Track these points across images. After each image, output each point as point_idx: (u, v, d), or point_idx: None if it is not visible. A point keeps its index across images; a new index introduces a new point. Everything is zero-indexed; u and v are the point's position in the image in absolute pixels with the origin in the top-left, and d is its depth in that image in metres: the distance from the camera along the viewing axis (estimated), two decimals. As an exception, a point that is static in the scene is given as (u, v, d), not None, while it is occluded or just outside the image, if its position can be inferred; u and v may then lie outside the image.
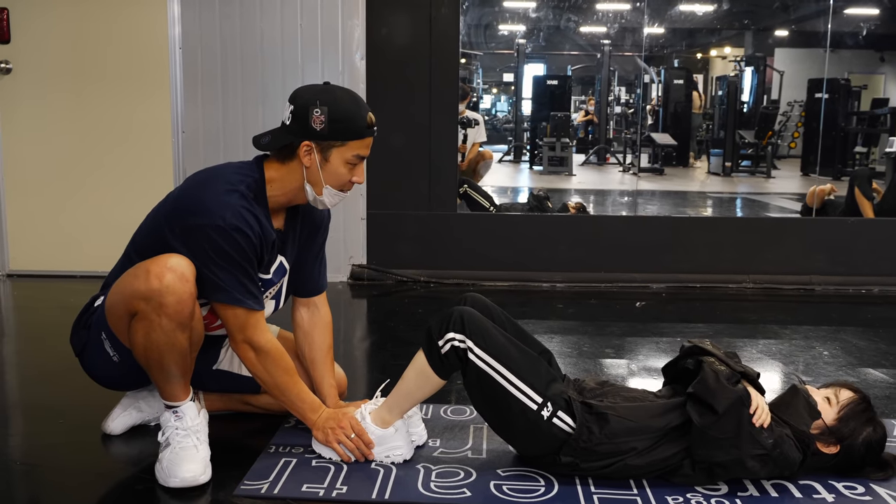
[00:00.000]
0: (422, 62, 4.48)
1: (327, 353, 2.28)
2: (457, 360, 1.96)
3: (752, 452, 1.88)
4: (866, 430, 1.99)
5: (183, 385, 1.97)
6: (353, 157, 2.00)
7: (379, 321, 3.97)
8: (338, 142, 1.98)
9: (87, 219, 4.51)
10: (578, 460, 1.94)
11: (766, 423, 1.90)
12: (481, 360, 1.94)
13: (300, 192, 2.04)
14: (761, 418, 1.89)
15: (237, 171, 2.01)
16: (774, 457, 1.90)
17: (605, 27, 13.39)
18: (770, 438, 1.89)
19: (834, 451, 2.00)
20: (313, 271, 2.28)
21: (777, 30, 14.44)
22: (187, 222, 1.91)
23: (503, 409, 1.95)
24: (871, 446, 2.00)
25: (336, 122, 1.96)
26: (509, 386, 1.93)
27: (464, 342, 1.94)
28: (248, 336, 1.99)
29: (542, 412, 1.92)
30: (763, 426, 1.89)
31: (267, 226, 2.00)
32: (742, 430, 1.88)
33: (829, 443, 2.00)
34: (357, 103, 2.02)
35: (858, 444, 1.99)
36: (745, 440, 1.88)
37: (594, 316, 3.92)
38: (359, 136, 1.99)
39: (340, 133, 1.97)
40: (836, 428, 1.99)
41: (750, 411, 1.89)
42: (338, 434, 2.06)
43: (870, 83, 11.69)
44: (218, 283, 1.92)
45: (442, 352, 1.96)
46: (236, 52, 4.39)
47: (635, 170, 10.88)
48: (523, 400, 1.92)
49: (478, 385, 1.96)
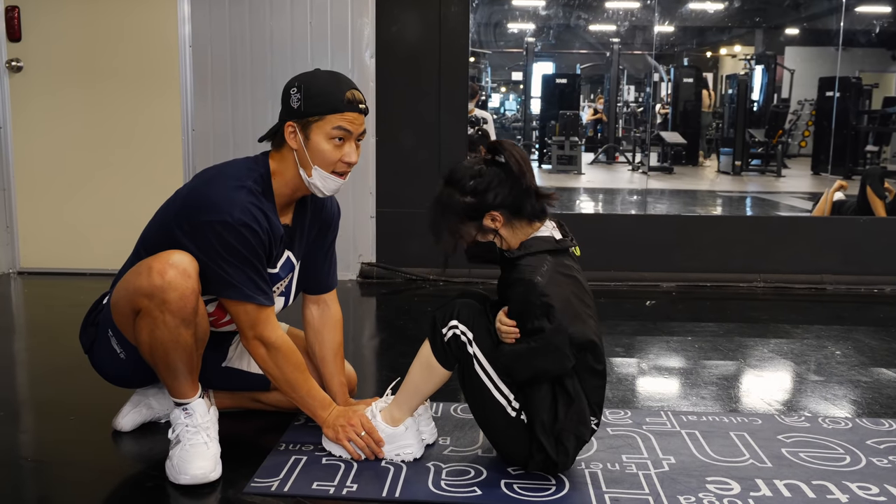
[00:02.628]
0: (431, 60, 4.47)
1: (337, 350, 2.28)
2: (458, 349, 1.94)
3: (537, 325, 1.84)
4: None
5: (191, 382, 1.96)
6: (333, 129, 1.95)
7: (388, 319, 3.96)
8: (314, 117, 1.95)
9: (97, 217, 4.53)
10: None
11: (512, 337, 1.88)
12: (473, 353, 1.92)
13: (299, 180, 2.03)
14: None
15: (245, 166, 2.01)
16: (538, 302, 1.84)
17: (614, 25, 13.37)
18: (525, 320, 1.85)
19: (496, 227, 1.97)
20: (323, 268, 2.28)
21: (787, 28, 14.38)
22: (196, 219, 1.91)
23: (485, 408, 1.94)
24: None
25: (311, 98, 1.94)
26: (489, 384, 1.91)
27: (465, 334, 1.93)
28: (259, 332, 1.98)
29: (522, 417, 1.91)
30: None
31: (275, 221, 2.00)
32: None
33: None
34: (337, 80, 2.00)
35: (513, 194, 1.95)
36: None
37: (604, 315, 3.85)
38: (335, 110, 1.95)
39: (316, 107, 1.94)
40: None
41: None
42: (348, 432, 2.05)
43: (881, 81, 11.60)
44: (228, 280, 1.92)
45: (445, 339, 1.95)
46: (246, 51, 4.39)
47: (645, 168, 10.86)
48: (503, 405, 1.91)
49: (468, 380, 1.95)
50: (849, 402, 2.66)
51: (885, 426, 2.37)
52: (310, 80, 1.97)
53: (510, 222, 1.97)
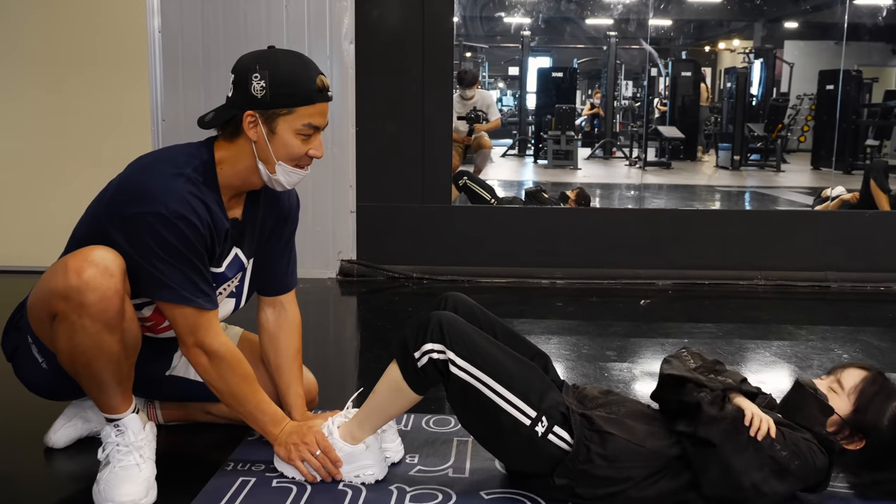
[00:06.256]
0: (414, 45, 4.24)
1: (294, 358, 2.05)
2: (436, 374, 1.72)
3: (765, 471, 1.64)
4: (890, 408, 1.74)
5: (121, 395, 1.74)
6: (304, 125, 1.75)
7: (367, 320, 3.74)
8: (283, 109, 1.74)
9: (61, 211, 4.25)
10: (574, 483, 1.71)
11: (771, 432, 1.65)
12: (465, 372, 1.70)
13: (254, 172, 1.81)
14: (761, 429, 1.64)
15: (185, 152, 1.79)
16: (794, 469, 1.65)
17: (611, 19, 13.17)
18: (784, 450, 1.65)
19: (860, 445, 1.75)
20: (280, 267, 2.04)
21: (787, 21, 14.19)
22: (126, 211, 1.68)
23: (492, 425, 1.72)
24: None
25: (278, 87, 1.72)
26: (499, 399, 1.69)
27: (443, 353, 1.70)
28: (200, 339, 1.76)
29: (537, 427, 1.69)
30: (771, 436, 1.64)
31: (218, 213, 1.77)
32: (746, 453, 1.64)
33: (853, 438, 1.75)
34: (304, 65, 1.78)
35: (886, 427, 1.73)
36: (753, 461, 1.64)
37: (595, 315, 3.68)
38: (307, 101, 1.74)
39: (284, 98, 1.73)
40: (854, 419, 1.74)
41: (746, 425, 1.65)
42: (301, 451, 1.83)
43: (881, 75, 11.40)
44: (162, 280, 1.69)
45: (418, 365, 1.72)
46: (219, 37, 4.17)
47: (642, 164, 10.64)
48: (515, 415, 1.69)
49: (462, 400, 1.73)
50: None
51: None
52: (274, 65, 1.74)
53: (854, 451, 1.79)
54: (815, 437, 1.71)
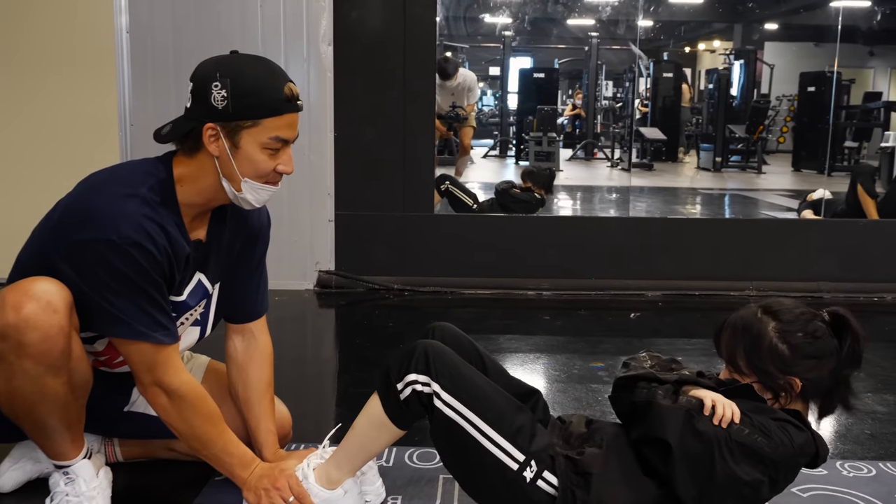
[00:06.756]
0: (395, 50, 4.07)
1: (265, 391, 1.88)
2: (420, 408, 1.58)
3: (736, 458, 1.47)
4: (770, 342, 1.57)
5: (70, 440, 1.57)
6: (271, 139, 1.59)
7: (345, 337, 3.57)
8: (246, 121, 1.57)
9: (22, 221, 4.06)
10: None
11: (735, 417, 1.49)
12: (450, 408, 1.55)
13: (218, 190, 1.64)
14: (724, 416, 1.49)
15: (140, 170, 1.61)
16: (769, 452, 1.48)
17: (592, 20, 13.08)
18: (754, 434, 1.48)
19: (798, 388, 1.58)
20: (249, 292, 1.87)
21: (767, 23, 14.19)
22: (73, 237, 1.51)
23: (475, 467, 1.57)
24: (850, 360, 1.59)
25: (242, 97, 1.55)
26: (485, 440, 1.55)
27: (428, 385, 1.56)
28: (158, 377, 1.59)
29: (525, 473, 1.54)
30: (734, 422, 1.49)
31: (177, 237, 1.60)
32: (714, 445, 1.47)
33: (786, 391, 1.58)
34: (270, 71, 1.61)
35: (789, 356, 1.57)
36: (725, 453, 1.47)
37: (585, 330, 3.53)
38: (273, 112, 1.57)
39: (248, 110, 1.56)
40: (764, 379, 1.58)
41: (707, 415, 1.49)
42: (273, 497, 1.66)
43: (858, 77, 11.40)
44: (115, 314, 1.52)
45: (401, 397, 1.58)
46: (191, 38, 3.97)
47: (624, 165, 10.54)
48: (502, 458, 1.54)
49: (446, 437, 1.58)
50: (866, 439, 2.32)
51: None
52: (236, 72, 1.57)
53: (804, 399, 1.61)
54: (782, 413, 1.55)
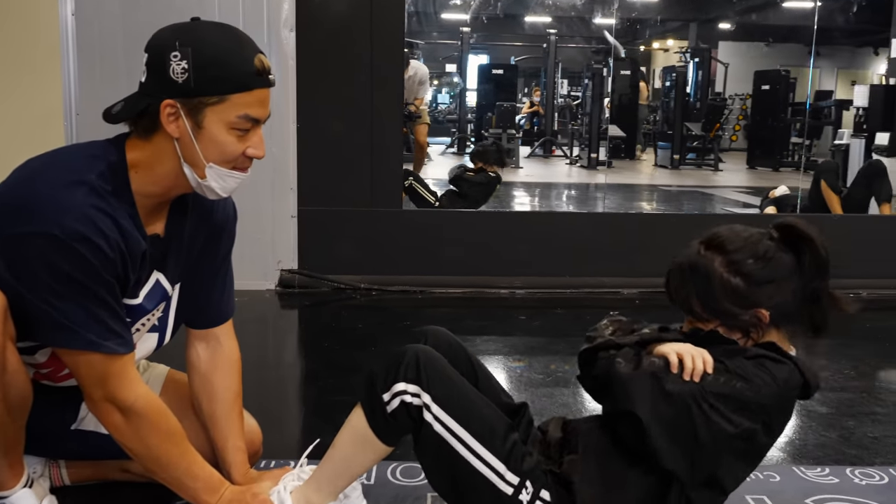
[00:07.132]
0: (362, 34, 3.88)
1: (233, 403, 1.68)
2: (408, 421, 1.41)
3: (722, 411, 1.33)
4: (720, 279, 1.43)
5: (6, 467, 1.37)
6: (239, 118, 1.38)
7: (311, 340, 3.36)
8: (211, 97, 1.36)
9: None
10: None
11: (708, 367, 1.34)
12: (441, 424, 1.40)
13: (178, 177, 1.43)
14: (696, 368, 1.34)
15: (86, 154, 1.40)
16: (752, 396, 1.34)
17: (550, 17, 13.03)
18: (732, 381, 1.34)
19: (766, 319, 1.43)
20: (213, 293, 1.67)
21: (721, 23, 14.35)
22: (7, 231, 1.30)
23: (465, 488, 1.42)
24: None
25: (205, 69, 1.34)
26: (476, 461, 1.40)
27: (418, 396, 1.39)
28: (111, 392, 1.38)
29: (521, 496, 1.40)
30: (709, 372, 1.34)
31: (131, 231, 1.39)
32: (690, 404, 1.32)
33: (756, 326, 1.43)
34: (238, 41, 1.41)
35: (744, 286, 1.42)
36: (706, 409, 1.32)
37: (564, 330, 3.38)
38: (241, 87, 1.37)
39: (212, 84, 1.36)
40: (726, 320, 1.44)
41: (675, 373, 1.34)
42: (246, 526, 1.47)
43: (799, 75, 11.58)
44: (59, 321, 1.31)
45: (388, 409, 1.41)
46: (142, 22, 3.69)
47: (582, 162, 10.51)
48: (494, 481, 1.40)
49: (435, 455, 1.42)
50: (870, 442, 2.22)
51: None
52: (199, 41, 1.36)
53: (777, 328, 1.45)
54: (757, 351, 1.41)
